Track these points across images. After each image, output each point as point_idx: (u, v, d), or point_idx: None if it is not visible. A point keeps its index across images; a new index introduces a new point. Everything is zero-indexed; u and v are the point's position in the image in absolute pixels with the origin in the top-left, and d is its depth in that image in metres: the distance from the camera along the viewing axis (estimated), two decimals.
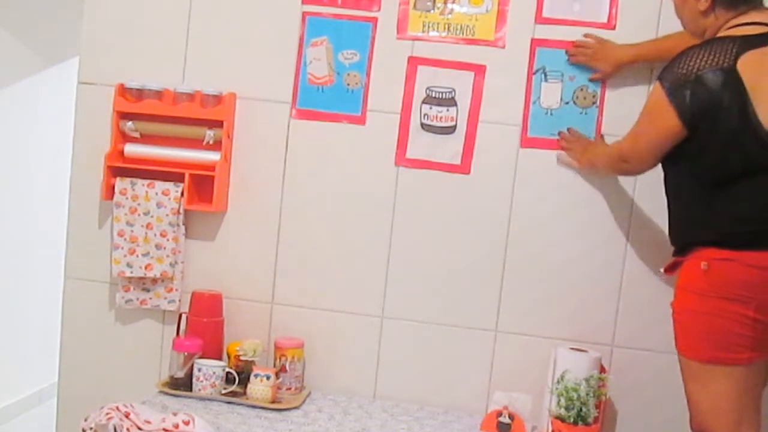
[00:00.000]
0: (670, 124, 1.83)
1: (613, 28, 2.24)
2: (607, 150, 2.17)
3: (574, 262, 2.29)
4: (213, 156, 2.35)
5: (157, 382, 2.30)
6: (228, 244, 2.43)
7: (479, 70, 2.30)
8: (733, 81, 1.75)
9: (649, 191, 2.15)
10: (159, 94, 2.37)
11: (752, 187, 1.78)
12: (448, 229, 2.34)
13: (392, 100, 2.34)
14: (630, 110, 2.01)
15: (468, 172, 2.33)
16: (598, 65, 2.23)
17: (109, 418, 1.75)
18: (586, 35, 2.24)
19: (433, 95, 2.33)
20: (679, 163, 1.89)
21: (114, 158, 2.37)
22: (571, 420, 2.04)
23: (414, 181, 2.35)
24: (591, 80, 2.26)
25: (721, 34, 1.85)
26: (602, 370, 2.17)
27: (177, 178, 2.36)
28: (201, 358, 2.24)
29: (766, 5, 1.90)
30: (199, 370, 2.20)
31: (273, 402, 2.17)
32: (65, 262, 2.49)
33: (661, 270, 1.99)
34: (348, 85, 2.36)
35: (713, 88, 1.76)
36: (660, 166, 1.98)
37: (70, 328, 2.50)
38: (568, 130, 2.27)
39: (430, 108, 2.33)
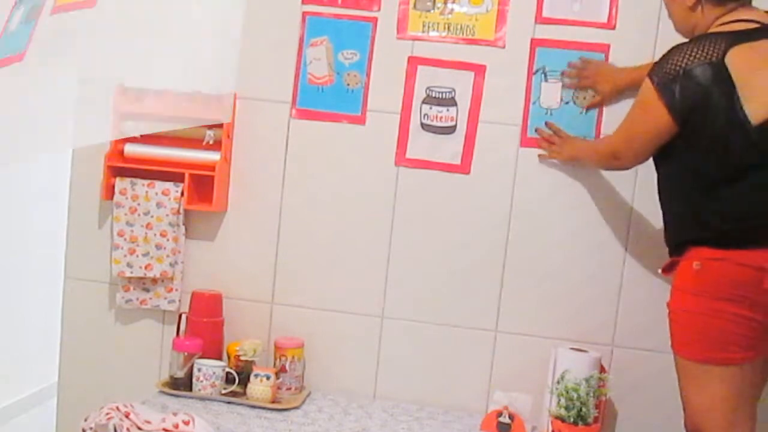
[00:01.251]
0: (660, 120, 1.82)
1: (613, 28, 2.24)
2: (594, 146, 2.17)
3: (574, 262, 2.29)
4: (213, 156, 2.35)
5: (157, 382, 2.30)
6: (228, 244, 2.43)
7: (479, 70, 2.30)
8: (721, 75, 1.74)
9: (649, 191, 2.14)
10: (159, 94, 2.37)
11: (743, 184, 1.77)
12: (448, 229, 2.34)
13: (392, 100, 2.34)
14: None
15: (468, 172, 2.32)
16: (598, 87, 2.22)
17: (109, 418, 1.75)
18: (581, 59, 2.23)
19: (433, 95, 2.32)
20: (671, 160, 1.89)
21: (114, 158, 2.37)
22: (571, 420, 2.04)
23: (414, 181, 2.35)
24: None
25: (710, 31, 1.84)
26: (602, 370, 2.17)
27: (177, 178, 2.35)
28: (201, 358, 2.24)
29: (754, 4, 1.89)
30: (199, 370, 2.20)
31: (273, 402, 2.17)
32: (65, 262, 2.49)
33: (659, 271, 1.99)
34: (348, 85, 2.36)
35: (702, 83, 1.76)
36: (654, 166, 1.97)
37: (70, 328, 2.50)
38: (546, 124, 2.26)
39: (430, 108, 2.33)
